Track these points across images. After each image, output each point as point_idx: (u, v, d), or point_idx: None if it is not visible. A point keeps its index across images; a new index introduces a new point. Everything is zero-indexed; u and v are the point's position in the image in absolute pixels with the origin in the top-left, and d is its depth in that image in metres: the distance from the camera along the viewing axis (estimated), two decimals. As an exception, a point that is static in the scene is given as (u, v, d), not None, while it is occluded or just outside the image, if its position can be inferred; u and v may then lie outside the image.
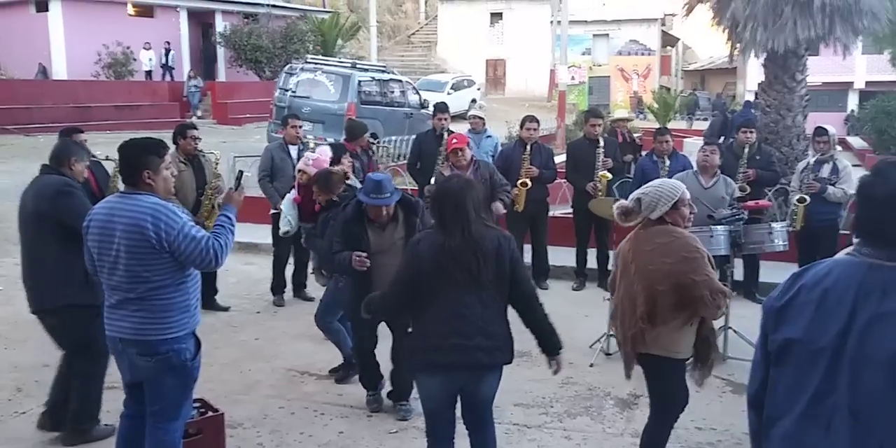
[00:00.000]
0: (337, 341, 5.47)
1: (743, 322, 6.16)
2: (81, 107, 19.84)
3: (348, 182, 5.34)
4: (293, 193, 5.66)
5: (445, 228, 3.48)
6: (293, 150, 7.26)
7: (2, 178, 11.91)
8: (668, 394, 3.83)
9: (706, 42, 38.62)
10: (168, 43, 25.17)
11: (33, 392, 5.11)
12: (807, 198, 6.99)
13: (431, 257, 3.46)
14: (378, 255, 4.52)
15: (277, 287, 7.39)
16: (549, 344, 3.73)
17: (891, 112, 21.04)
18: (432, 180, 7.27)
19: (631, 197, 3.80)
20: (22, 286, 4.45)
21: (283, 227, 5.58)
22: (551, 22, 32.94)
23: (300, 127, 7.41)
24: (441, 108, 8.39)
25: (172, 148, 6.60)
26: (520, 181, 7.59)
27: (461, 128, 8.89)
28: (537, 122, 7.95)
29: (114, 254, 3.36)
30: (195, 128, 6.81)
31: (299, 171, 5.76)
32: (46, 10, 23.42)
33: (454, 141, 6.68)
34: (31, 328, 6.13)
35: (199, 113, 23.29)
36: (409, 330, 3.72)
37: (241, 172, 4.01)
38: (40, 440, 4.46)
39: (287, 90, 15.30)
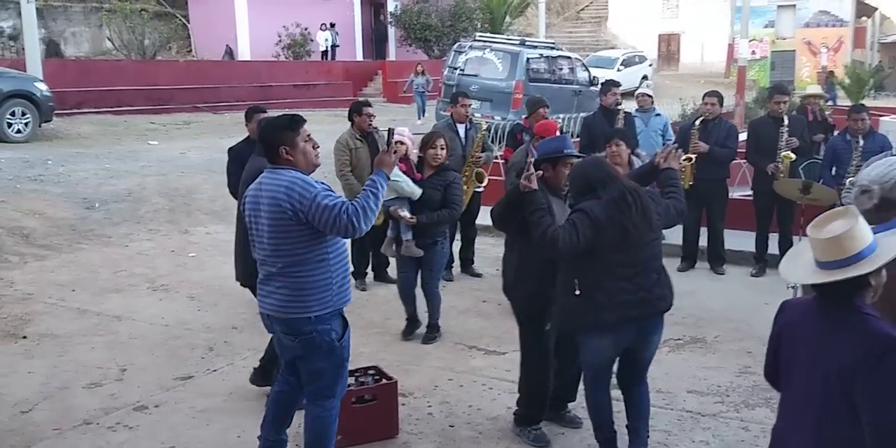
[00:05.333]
0: (434, 305, 5.84)
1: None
2: (263, 86, 20.97)
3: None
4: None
5: (613, 193, 3.68)
6: (461, 129, 7.30)
7: (194, 153, 12.83)
8: None
9: (907, 11, 35.31)
10: (333, 23, 26.00)
11: (223, 352, 5.49)
12: None
13: (612, 222, 3.61)
14: None
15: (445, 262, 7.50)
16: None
17: None
18: None
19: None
20: (213, 253, 4.81)
21: (416, 191, 5.59)
22: (731, -6, 31.28)
23: (469, 105, 7.42)
24: (614, 83, 8.20)
25: (348, 124, 6.90)
26: (684, 157, 7.29)
27: (630, 105, 8.63)
28: (718, 97, 7.57)
29: (260, 228, 3.44)
30: (370, 105, 6.96)
31: (398, 143, 5.60)
32: (233, -6, 24.90)
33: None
34: (221, 292, 6.64)
35: (420, 121, 18.11)
36: (577, 293, 3.72)
37: (390, 130, 3.86)
38: (230, 396, 4.79)
39: (456, 68, 15.45)
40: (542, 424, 4.30)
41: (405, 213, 5.53)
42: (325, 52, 25.91)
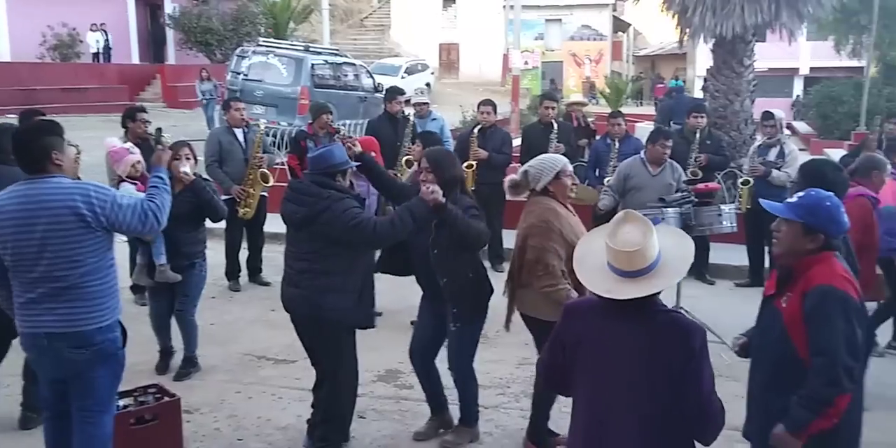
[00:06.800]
0: (191, 335, 5.33)
1: (693, 302, 6.32)
2: (26, 89, 19.28)
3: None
4: (130, 186, 5.11)
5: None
6: (239, 134, 7.18)
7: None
8: None
9: (657, 27, 39.05)
10: (103, 24, 24.47)
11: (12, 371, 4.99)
12: (750, 180, 7.20)
13: None
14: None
15: (232, 272, 7.35)
16: None
17: (834, 97, 21.59)
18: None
19: (519, 170, 4.08)
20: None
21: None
22: (504, 6, 32.97)
23: (243, 109, 7.31)
24: (399, 91, 8.38)
25: (121, 131, 6.55)
26: (465, 164, 7.67)
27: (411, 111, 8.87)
28: (493, 105, 7.98)
29: (37, 243, 3.21)
30: (145, 111, 6.70)
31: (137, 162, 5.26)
32: (-14, -12, 22.68)
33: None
34: None
35: (212, 125, 16.48)
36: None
37: (158, 130, 4.04)
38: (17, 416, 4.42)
39: (239, 73, 15.13)
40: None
41: (186, 168, 5.02)
42: (96, 54, 24.26)
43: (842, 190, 3.88)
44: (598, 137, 8.83)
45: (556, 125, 7.97)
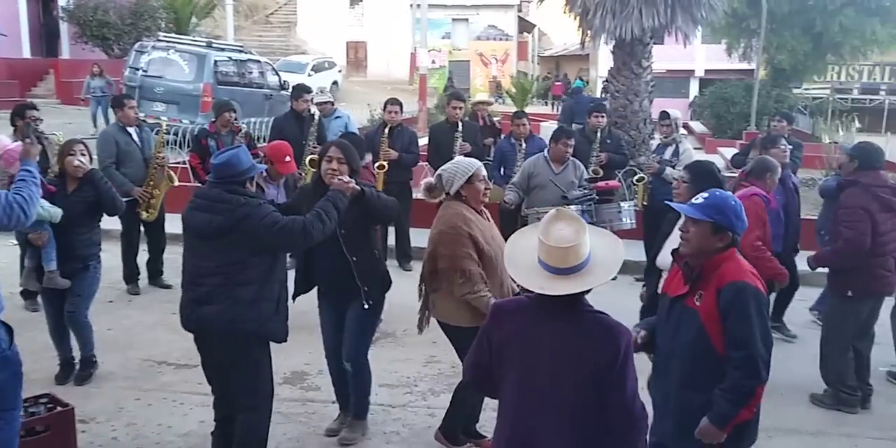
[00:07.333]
0: (85, 336, 5.13)
1: (596, 297, 6.44)
2: None
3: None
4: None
5: None
6: (133, 133, 6.94)
7: None
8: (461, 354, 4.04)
9: (561, 28, 39.81)
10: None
11: None
12: (645, 177, 7.46)
13: None
14: None
15: (130, 275, 7.11)
16: None
17: (727, 98, 22.49)
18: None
19: (436, 174, 4.12)
20: None
21: (55, 213, 4.86)
22: (411, 5, 32.98)
23: (134, 107, 7.05)
24: (306, 89, 8.28)
25: (10, 130, 6.24)
26: (377, 164, 7.64)
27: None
28: (400, 105, 7.98)
29: None
30: (35, 108, 6.39)
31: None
32: None
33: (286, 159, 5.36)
34: None
35: (96, 129, 15.36)
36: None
37: (27, 125, 4.04)
38: None
39: (138, 69, 14.67)
40: None
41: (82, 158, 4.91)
42: (-18, 47, 23.02)
43: (724, 186, 4.12)
44: (502, 137, 8.94)
45: (461, 124, 8.04)
